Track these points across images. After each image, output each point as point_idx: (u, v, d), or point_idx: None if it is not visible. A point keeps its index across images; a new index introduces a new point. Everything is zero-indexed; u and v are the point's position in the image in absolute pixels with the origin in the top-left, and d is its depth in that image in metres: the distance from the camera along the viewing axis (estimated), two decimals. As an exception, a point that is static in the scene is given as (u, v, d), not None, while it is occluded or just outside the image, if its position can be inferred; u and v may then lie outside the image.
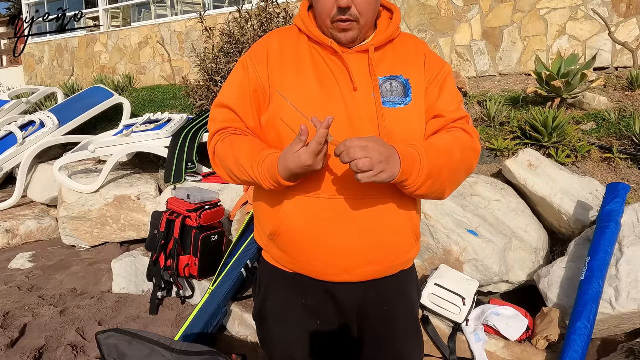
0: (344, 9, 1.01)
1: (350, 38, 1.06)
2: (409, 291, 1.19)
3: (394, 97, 1.06)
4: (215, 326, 2.26)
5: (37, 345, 2.24)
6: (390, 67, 1.09)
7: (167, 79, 7.14)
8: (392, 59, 1.11)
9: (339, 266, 1.06)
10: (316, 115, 0.97)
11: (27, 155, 4.11)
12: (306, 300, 1.12)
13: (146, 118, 3.98)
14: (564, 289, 2.04)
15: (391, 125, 1.03)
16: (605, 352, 1.93)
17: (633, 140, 2.78)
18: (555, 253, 2.43)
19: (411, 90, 1.07)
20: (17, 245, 3.71)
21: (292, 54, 1.10)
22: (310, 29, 1.09)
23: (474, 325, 2.04)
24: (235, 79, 1.13)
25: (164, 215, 2.61)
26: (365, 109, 1.04)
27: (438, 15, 5.07)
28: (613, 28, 4.03)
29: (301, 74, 1.07)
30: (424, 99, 1.09)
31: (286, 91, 1.05)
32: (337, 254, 1.05)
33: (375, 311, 1.13)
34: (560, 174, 2.44)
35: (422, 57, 1.12)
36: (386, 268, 1.11)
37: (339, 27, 1.04)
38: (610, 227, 1.97)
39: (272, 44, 1.11)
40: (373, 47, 1.08)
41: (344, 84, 1.06)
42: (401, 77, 1.08)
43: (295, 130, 1.01)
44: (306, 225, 1.05)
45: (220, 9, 7.00)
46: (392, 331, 1.14)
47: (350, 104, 1.04)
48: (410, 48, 1.13)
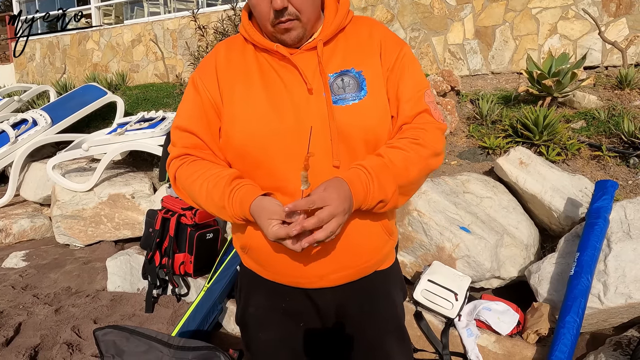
0: (280, 10, 0.96)
1: (295, 37, 1.01)
2: (389, 291, 1.15)
3: (346, 94, 1.00)
4: (211, 323, 2.28)
5: (32, 344, 2.24)
6: (342, 60, 1.03)
7: (160, 77, 7.12)
8: (343, 51, 1.04)
9: (312, 274, 1.05)
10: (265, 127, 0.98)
11: (19, 154, 4.08)
12: (286, 304, 1.11)
13: (140, 116, 3.98)
14: (554, 284, 2.08)
15: (344, 123, 0.99)
16: (593, 345, 1.97)
17: (621, 138, 2.83)
18: (546, 249, 2.47)
19: (365, 83, 1.01)
20: (10, 244, 3.70)
21: (239, 65, 1.06)
22: (253, 37, 1.04)
23: (466, 320, 2.07)
24: (189, 99, 1.09)
25: (159, 214, 2.62)
26: (317, 110, 0.99)
27: (431, 14, 5.10)
28: (603, 27, 4.08)
29: (249, 86, 1.03)
30: (385, 88, 1.03)
31: (235, 105, 1.03)
32: (308, 263, 1.04)
33: (355, 312, 1.11)
34: (550, 172, 2.48)
35: (377, 44, 1.05)
36: (361, 269, 1.08)
37: (280, 29, 0.99)
38: (599, 223, 2.01)
39: (219, 57, 1.08)
40: (321, 42, 1.02)
41: (297, 88, 1.01)
42: (352, 71, 1.02)
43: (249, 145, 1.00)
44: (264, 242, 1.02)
45: (214, 7, 6.99)
46: (373, 331, 1.12)
47: (301, 109, 0.99)
48: (364, 35, 1.06)
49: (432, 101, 1.06)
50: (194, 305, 2.30)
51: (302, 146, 0.96)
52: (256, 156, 1.01)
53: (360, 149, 1.02)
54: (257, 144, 1.00)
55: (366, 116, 1.00)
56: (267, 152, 1.00)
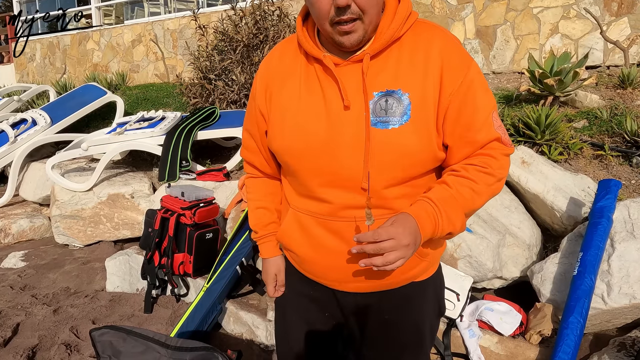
0: (343, 8, 0.89)
1: (355, 41, 0.94)
2: (417, 304, 1.13)
3: (387, 117, 0.94)
4: (210, 324, 2.26)
5: (30, 345, 2.22)
6: (390, 78, 0.95)
7: (160, 77, 7.10)
8: (394, 66, 0.96)
9: (332, 278, 1.10)
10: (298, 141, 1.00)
11: (18, 154, 4.07)
12: (314, 292, 1.16)
13: (140, 116, 3.96)
14: (557, 285, 2.06)
15: (379, 148, 0.94)
16: (597, 346, 1.95)
17: (624, 137, 2.81)
18: (548, 249, 2.45)
19: (410, 107, 0.94)
20: (9, 245, 3.68)
21: (287, 72, 1.05)
22: (304, 45, 1.01)
23: (468, 321, 2.05)
24: (249, 101, 1.17)
25: (158, 213, 2.60)
26: (353, 128, 0.95)
27: (432, 13, 5.09)
28: (605, 27, 4.06)
29: (289, 96, 1.03)
30: (435, 114, 0.96)
31: (274, 114, 1.06)
32: (328, 269, 1.08)
33: (375, 319, 1.13)
34: (552, 171, 2.46)
35: (437, 65, 0.94)
36: (382, 285, 1.08)
37: (340, 31, 0.92)
38: (602, 222, 1.99)
39: (272, 62, 1.09)
40: (368, 55, 0.95)
41: (335, 104, 0.97)
42: (399, 92, 0.94)
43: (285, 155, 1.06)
44: (301, 239, 1.09)
45: (214, 7, 6.98)
46: (390, 340, 1.14)
47: (336, 126, 0.96)
48: (421, 50, 0.96)
49: (500, 125, 1.00)
50: (193, 306, 2.28)
51: (332, 163, 0.98)
52: (291, 165, 1.05)
53: (390, 173, 0.98)
54: (290, 155, 1.04)
55: (404, 143, 0.95)
56: (300, 164, 1.03)
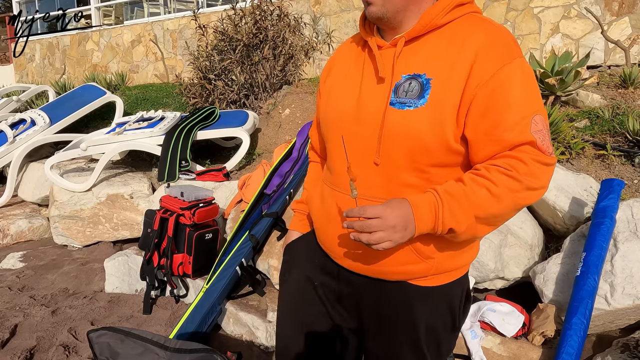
0: None
1: (373, 14, 1.01)
2: (418, 310, 1.08)
3: (406, 98, 0.98)
4: (209, 325, 2.24)
5: (28, 346, 2.21)
6: (421, 63, 1.00)
7: (160, 77, 7.09)
8: (427, 53, 1.00)
9: (335, 250, 1.14)
10: (328, 110, 1.12)
11: (17, 154, 4.05)
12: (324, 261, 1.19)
13: (139, 116, 3.94)
14: (560, 285, 2.04)
15: (391, 127, 0.99)
16: (600, 347, 1.94)
17: (626, 137, 2.79)
18: (550, 249, 2.44)
19: (429, 92, 0.96)
20: (8, 245, 3.66)
21: (347, 55, 1.16)
22: (359, 28, 1.12)
23: (470, 322, 2.03)
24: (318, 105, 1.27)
25: (158, 214, 2.58)
26: (375, 106, 1.02)
27: (432, 13, 5.07)
28: (606, 26, 4.05)
29: (337, 75, 1.15)
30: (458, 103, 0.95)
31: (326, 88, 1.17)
32: (332, 239, 1.13)
33: (371, 310, 1.12)
34: (554, 171, 2.44)
35: (472, 54, 0.94)
36: (374, 270, 1.08)
37: (364, 1, 1.02)
38: (605, 222, 1.97)
39: (342, 47, 1.19)
40: (403, 39, 1.01)
41: (369, 81, 1.05)
42: (423, 77, 0.98)
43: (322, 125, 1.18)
44: (319, 208, 1.18)
45: (214, 7, 6.97)
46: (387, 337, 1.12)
47: (363, 101, 1.05)
48: (458, 39, 0.97)
49: (541, 130, 0.94)
50: (193, 307, 2.26)
51: (351, 136, 1.05)
52: (324, 135, 1.18)
53: (400, 154, 1.00)
54: (325, 126, 1.15)
55: (416, 125, 0.96)
56: (329, 134, 1.13)
